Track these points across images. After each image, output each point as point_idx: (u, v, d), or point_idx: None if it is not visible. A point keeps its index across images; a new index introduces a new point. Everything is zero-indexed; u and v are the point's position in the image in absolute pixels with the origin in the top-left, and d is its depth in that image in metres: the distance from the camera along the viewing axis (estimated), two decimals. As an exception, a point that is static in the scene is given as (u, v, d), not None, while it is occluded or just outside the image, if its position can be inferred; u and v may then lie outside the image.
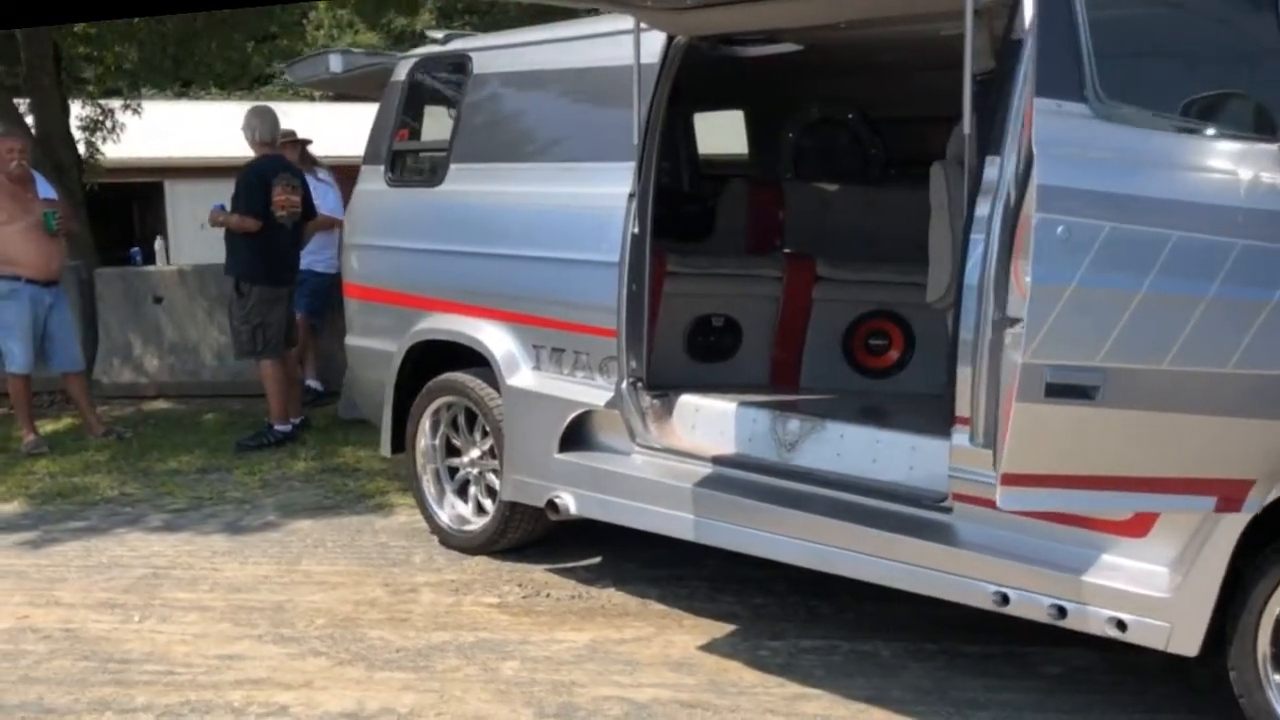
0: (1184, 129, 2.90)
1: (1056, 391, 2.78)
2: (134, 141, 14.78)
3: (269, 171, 7.58)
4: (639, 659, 4.30)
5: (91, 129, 13.62)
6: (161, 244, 21.67)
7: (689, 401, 4.84)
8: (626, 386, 4.75)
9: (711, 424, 4.76)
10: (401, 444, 5.73)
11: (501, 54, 5.53)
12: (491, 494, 5.44)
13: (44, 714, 4.01)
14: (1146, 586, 3.42)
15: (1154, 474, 2.92)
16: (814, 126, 6.44)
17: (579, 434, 4.97)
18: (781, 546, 4.26)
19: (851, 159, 6.38)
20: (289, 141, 8.47)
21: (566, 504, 4.88)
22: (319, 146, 9.72)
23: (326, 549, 5.69)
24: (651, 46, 4.70)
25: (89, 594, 5.14)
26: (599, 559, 5.38)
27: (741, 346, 5.32)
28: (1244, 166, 2.92)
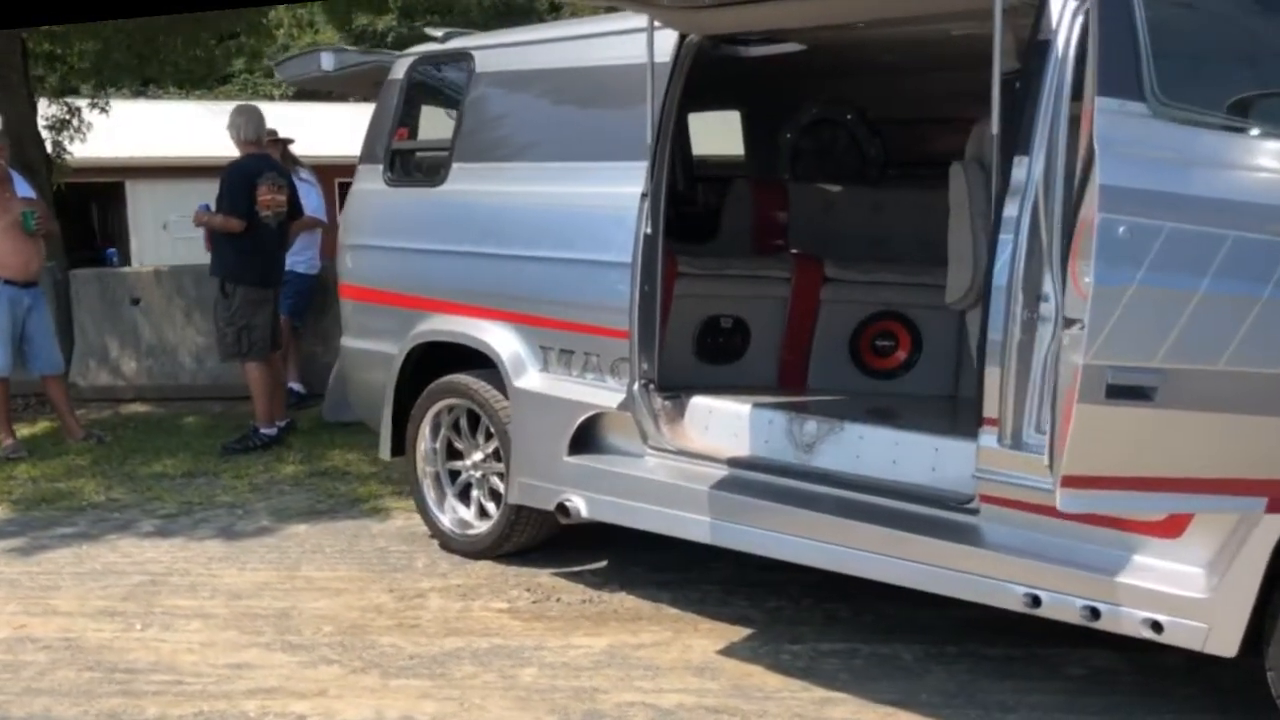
0: (1241, 128, 2.89)
1: (1117, 393, 2.75)
2: (94, 141, 14.53)
3: (254, 171, 7.46)
4: (659, 664, 4.25)
5: (58, 128, 13.39)
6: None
7: (701, 403, 4.79)
8: (639, 388, 4.70)
9: (725, 426, 4.72)
10: (401, 447, 5.65)
11: (506, 52, 5.46)
12: (495, 497, 5.37)
13: (53, 726, 3.92)
14: (1183, 587, 3.41)
15: (1206, 475, 2.91)
16: (812, 127, 6.42)
17: (588, 436, 4.91)
18: (802, 549, 4.22)
19: (850, 160, 6.36)
20: (271, 140, 8.34)
21: (577, 507, 4.82)
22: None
23: (325, 554, 5.60)
24: (659, 45, 4.65)
25: (86, 602, 5.03)
26: (605, 563, 5.32)
27: (750, 348, 5.28)
28: None
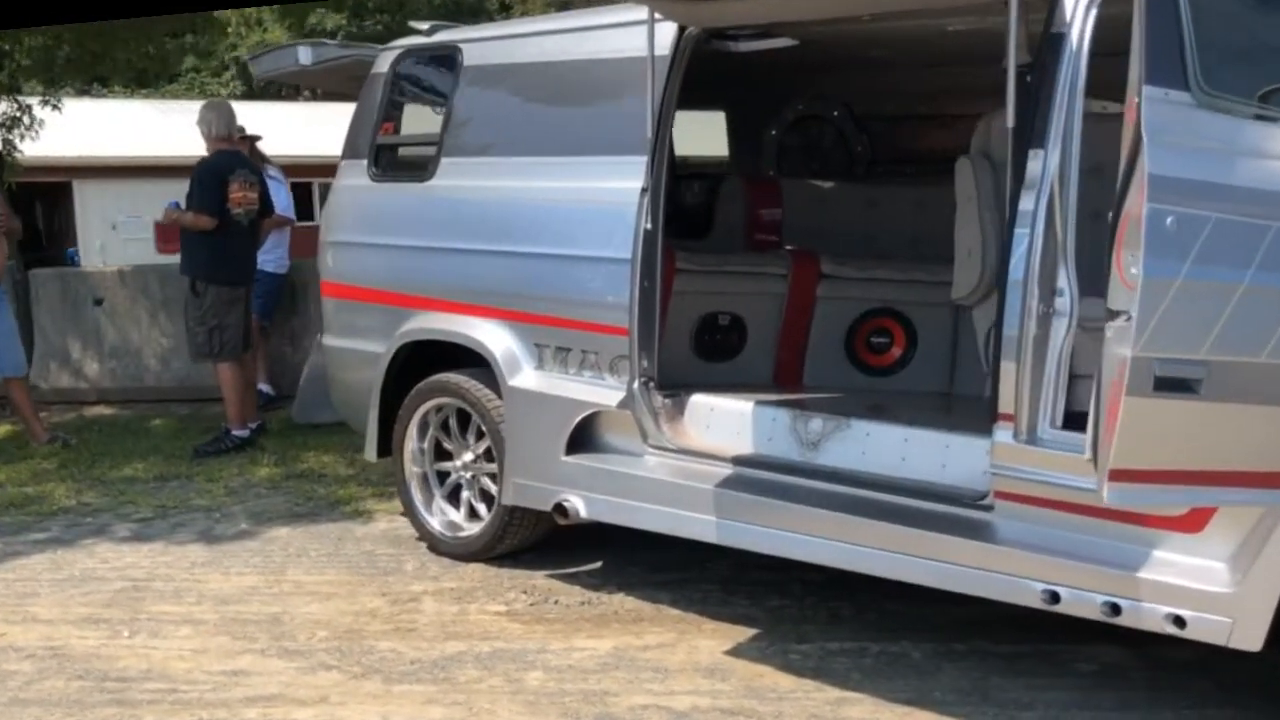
0: (1280, 118, 2.88)
1: (1164, 385, 2.73)
2: (40, 139, 14.20)
3: (225, 167, 7.30)
4: (667, 665, 4.19)
5: (9, 126, 13.07)
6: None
7: (702, 401, 4.73)
8: (639, 386, 4.63)
9: (727, 424, 4.66)
10: (388, 448, 5.54)
11: (496, 45, 5.37)
12: (486, 499, 5.28)
13: (46, 738, 3.79)
14: (1206, 582, 3.39)
15: (1251, 468, 2.89)
16: (798, 124, 6.39)
17: (586, 435, 4.84)
18: (813, 547, 4.16)
19: (837, 157, 6.33)
20: (240, 138, 8.18)
21: (576, 507, 4.74)
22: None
23: (311, 558, 5.48)
24: (659, 38, 4.59)
25: (68, 609, 4.88)
26: (600, 564, 5.25)
27: (747, 345, 5.23)
28: None
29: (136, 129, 24.58)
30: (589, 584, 5.01)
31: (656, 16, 4.49)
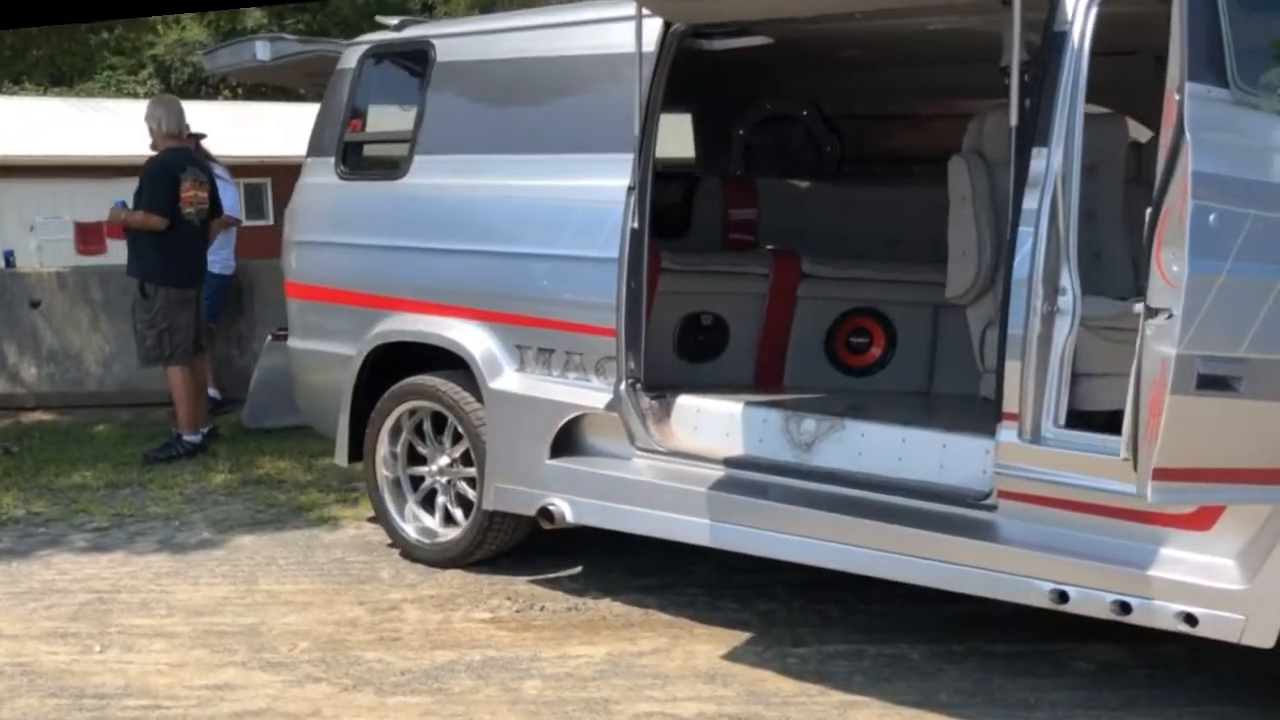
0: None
1: (1206, 383, 2.72)
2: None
3: (176, 165, 7.10)
4: (666, 672, 4.12)
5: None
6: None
7: (689, 403, 4.67)
8: (626, 388, 4.56)
9: (716, 425, 4.61)
10: (359, 453, 5.40)
11: (470, 41, 5.26)
12: (463, 503, 5.17)
13: (26, 759, 3.62)
14: (1218, 579, 3.40)
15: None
16: (766, 123, 6.36)
17: (570, 438, 4.76)
18: (810, 549, 4.13)
19: (805, 156, 6.31)
20: (186, 135, 7.95)
21: (562, 511, 4.66)
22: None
23: (280, 566, 5.33)
24: (641, 34, 4.52)
25: (31, 624, 4.69)
26: (580, 568, 5.16)
27: (729, 345, 5.18)
28: None
29: (53, 127, 23.94)
30: (572, 589, 4.93)
31: (645, 12, 4.42)
